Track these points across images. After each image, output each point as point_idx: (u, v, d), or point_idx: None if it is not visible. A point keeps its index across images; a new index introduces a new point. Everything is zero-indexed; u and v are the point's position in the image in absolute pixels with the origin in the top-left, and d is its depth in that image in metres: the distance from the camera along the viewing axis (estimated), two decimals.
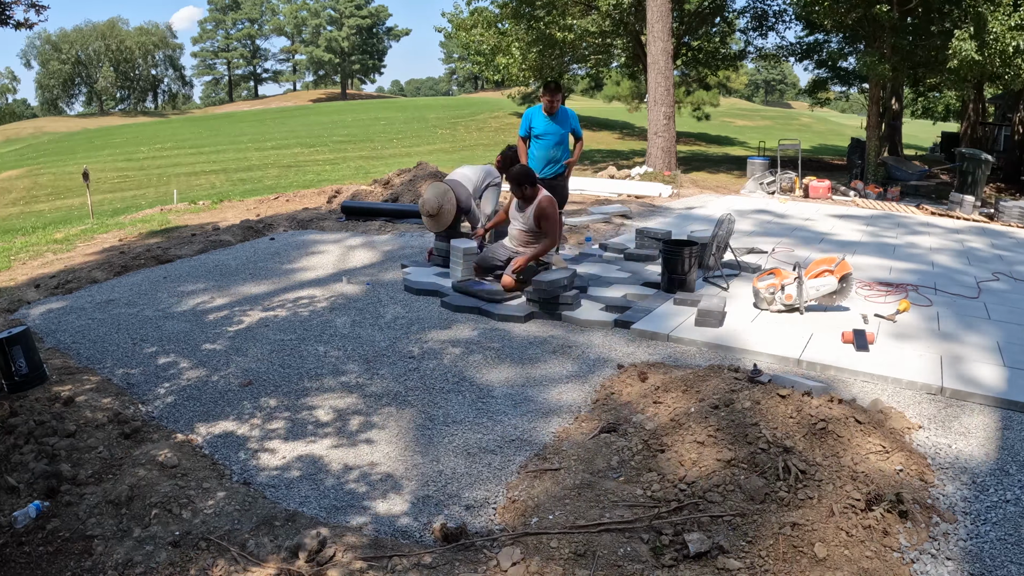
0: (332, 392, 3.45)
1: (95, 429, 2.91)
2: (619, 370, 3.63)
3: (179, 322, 4.52)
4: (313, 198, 10.42)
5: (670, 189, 10.79)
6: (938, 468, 2.69)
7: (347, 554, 2.23)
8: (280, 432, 3.06)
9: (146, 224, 8.57)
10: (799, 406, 2.75)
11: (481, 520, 2.46)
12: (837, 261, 4.44)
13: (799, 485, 2.39)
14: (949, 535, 2.30)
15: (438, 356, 3.90)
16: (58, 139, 34.14)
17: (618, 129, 31.75)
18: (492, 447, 2.91)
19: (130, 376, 3.65)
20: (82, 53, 57.62)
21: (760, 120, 44.01)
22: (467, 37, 15.76)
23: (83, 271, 5.85)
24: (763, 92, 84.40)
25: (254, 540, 2.32)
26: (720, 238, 5.20)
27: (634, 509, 2.39)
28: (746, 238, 7.06)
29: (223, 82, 72.53)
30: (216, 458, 2.84)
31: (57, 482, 2.54)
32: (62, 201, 17.85)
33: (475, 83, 72.49)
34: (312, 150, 24.69)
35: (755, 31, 17.27)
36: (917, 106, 25.63)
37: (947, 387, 3.36)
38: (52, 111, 58.35)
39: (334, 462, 2.82)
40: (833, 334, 4.07)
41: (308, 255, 6.38)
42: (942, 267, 6.13)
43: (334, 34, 62.92)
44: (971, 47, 9.48)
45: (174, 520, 2.41)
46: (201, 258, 6.33)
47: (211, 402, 3.35)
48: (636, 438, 2.78)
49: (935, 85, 17.36)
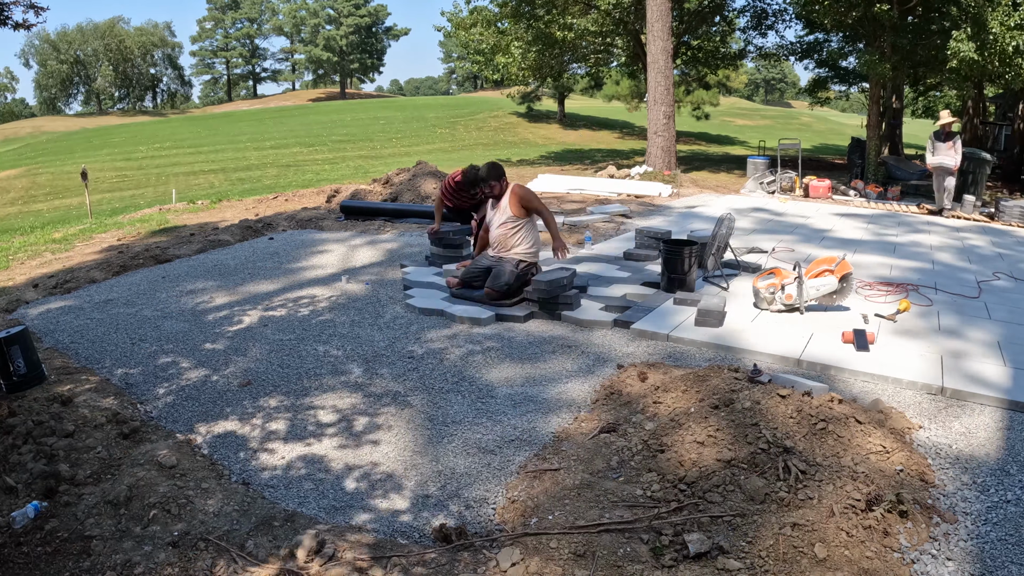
0: (331, 392, 3.44)
1: (94, 429, 2.91)
2: (619, 370, 3.62)
3: (178, 322, 4.52)
4: (312, 198, 10.41)
5: (670, 188, 10.79)
6: (939, 468, 2.68)
7: (346, 554, 2.23)
8: (279, 432, 3.05)
9: (145, 224, 8.56)
10: (799, 406, 2.74)
11: (481, 520, 2.45)
12: (837, 261, 4.44)
13: (799, 485, 2.39)
14: (950, 535, 2.29)
15: (437, 356, 3.90)
16: (56, 138, 34.11)
17: (618, 128, 31.77)
18: (491, 447, 2.91)
19: (129, 376, 3.65)
20: (81, 52, 57.47)
21: (760, 119, 44.02)
22: (466, 36, 15.73)
23: (81, 271, 5.84)
24: (763, 91, 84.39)
25: (253, 540, 2.31)
26: (720, 238, 5.19)
27: (634, 509, 2.39)
28: (746, 237, 7.05)
29: (222, 81, 72.40)
30: (215, 458, 2.83)
31: (55, 482, 2.53)
32: (60, 201, 17.85)
33: (474, 82, 72.42)
34: (311, 150, 24.69)
35: (755, 30, 17.25)
36: (918, 105, 25.59)
37: (948, 387, 3.36)
38: (50, 111, 58.22)
39: (333, 462, 2.81)
40: (833, 334, 4.07)
41: (307, 255, 6.37)
42: (944, 264, 6.12)
43: (333, 33, 62.82)
44: (969, 47, 9.47)
45: (173, 520, 2.40)
46: (200, 258, 6.32)
47: (210, 402, 3.34)
48: (636, 438, 2.77)
49: (935, 84, 17.34)
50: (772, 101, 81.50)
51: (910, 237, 7.59)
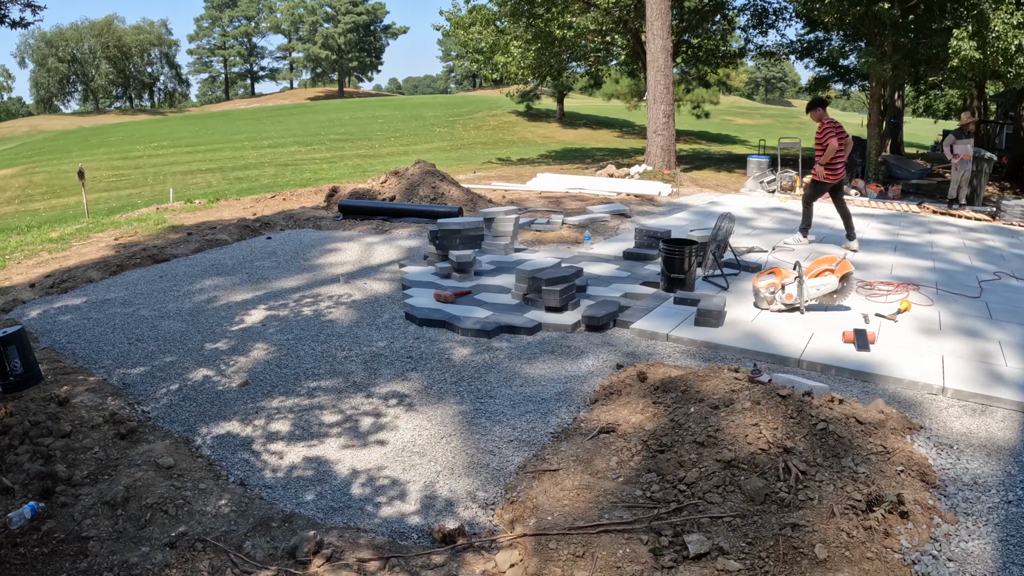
0: (330, 393, 3.43)
1: (91, 430, 2.89)
2: (618, 370, 3.61)
3: (175, 321, 4.50)
4: (310, 197, 10.38)
5: (670, 188, 10.76)
6: (939, 469, 2.67)
7: (345, 555, 2.22)
8: (278, 433, 3.03)
9: (142, 223, 8.52)
10: (799, 406, 2.73)
11: (480, 521, 2.44)
12: (838, 260, 4.42)
13: (799, 486, 2.38)
14: (951, 536, 2.28)
15: (436, 357, 3.88)
16: (53, 137, 34.01)
17: (618, 127, 31.72)
18: (490, 448, 2.90)
19: (126, 376, 3.63)
20: (77, 51, 57.11)
21: (760, 118, 43.97)
22: (465, 35, 15.67)
23: (78, 270, 5.82)
24: (763, 90, 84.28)
25: (251, 541, 2.30)
26: (720, 237, 5.17)
27: (633, 510, 2.37)
28: (746, 237, 7.04)
29: (219, 80, 72.09)
30: (213, 459, 2.82)
31: (52, 483, 2.52)
32: (57, 200, 17.79)
33: (473, 81, 72.24)
34: (309, 148, 24.62)
35: (755, 28, 17.22)
36: (919, 104, 25.54)
37: (949, 387, 3.35)
38: (47, 109, 57.90)
39: (332, 463, 2.80)
40: (834, 334, 4.06)
41: (305, 254, 6.35)
42: (946, 261, 6.11)
43: (331, 31, 62.58)
44: (970, 46, 9.45)
45: (171, 521, 2.39)
46: (197, 257, 6.30)
47: (208, 402, 3.33)
48: (635, 438, 2.76)
49: (936, 83, 17.28)
50: (772, 100, 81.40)
51: (926, 237, 7.57)
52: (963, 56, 9.54)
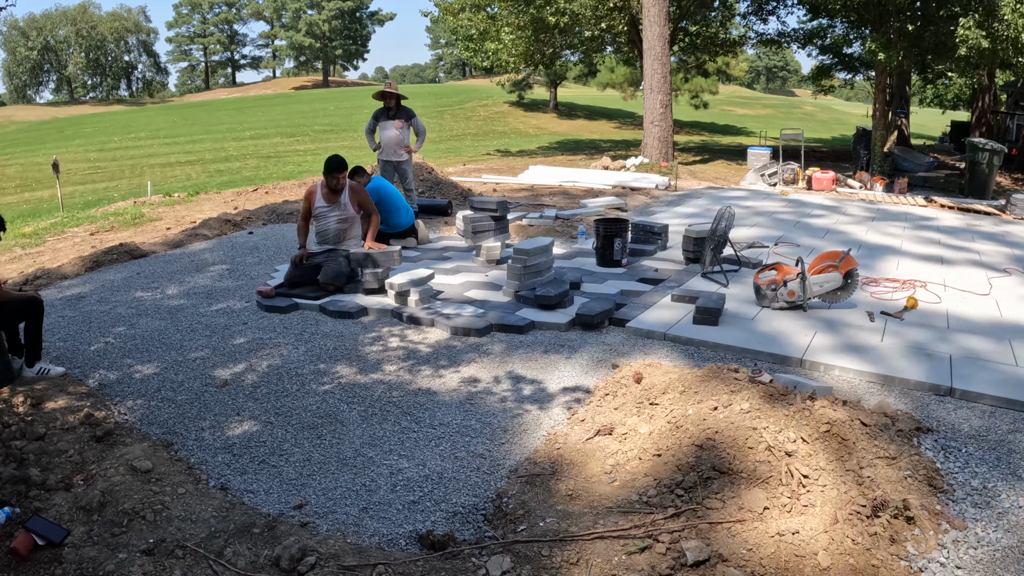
0: (314, 393, 3.34)
1: (65, 432, 2.81)
2: (614, 370, 3.52)
3: (154, 319, 4.39)
4: (293, 190, 10.17)
5: (667, 180, 10.61)
6: (947, 473, 2.59)
7: (329, 562, 2.14)
8: (259, 435, 2.95)
9: (119, 217, 8.36)
10: (801, 408, 2.64)
11: (470, 527, 2.36)
12: (842, 256, 4.32)
13: (801, 491, 2.30)
14: (959, 542, 2.21)
15: (422, 355, 3.80)
16: (26, 128, 33.55)
17: (614, 118, 31.45)
18: (481, 451, 2.81)
19: (102, 376, 3.53)
20: (51, 38, 55.44)
21: (761, 108, 43.71)
22: (455, 22, 15.32)
23: (53, 267, 5.69)
24: (764, 79, 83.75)
25: (232, 548, 2.23)
26: (719, 233, 5.07)
27: (629, 516, 2.29)
28: (746, 232, 6.93)
29: (199, 69, 70.01)
30: (193, 462, 2.73)
31: (26, 487, 2.45)
32: (30, 193, 17.47)
33: (463, 70, 71.06)
34: (293, 140, 24.24)
35: (755, 15, 16.97)
36: (926, 94, 25.18)
37: (957, 388, 3.25)
38: (20, 99, 56.55)
39: (316, 466, 2.72)
40: (837, 332, 3.96)
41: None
42: (948, 259, 6.01)
43: (315, 18, 60.89)
44: (977, 35, 9.28)
45: (148, 527, 2.31)
46: (176, 253, 6.17)
47: (187, 404, 3.24)
48: (631, 442, 2.68)
49: (943, 72, 17.00)
50: (773, 89, 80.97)
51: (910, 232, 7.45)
52: (971, 44, 9.37)
